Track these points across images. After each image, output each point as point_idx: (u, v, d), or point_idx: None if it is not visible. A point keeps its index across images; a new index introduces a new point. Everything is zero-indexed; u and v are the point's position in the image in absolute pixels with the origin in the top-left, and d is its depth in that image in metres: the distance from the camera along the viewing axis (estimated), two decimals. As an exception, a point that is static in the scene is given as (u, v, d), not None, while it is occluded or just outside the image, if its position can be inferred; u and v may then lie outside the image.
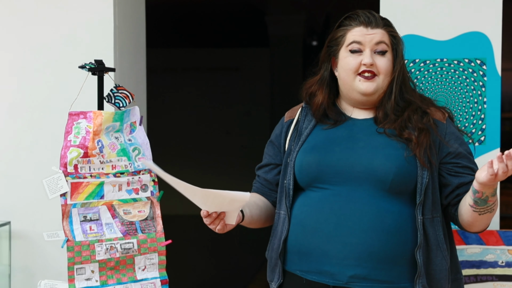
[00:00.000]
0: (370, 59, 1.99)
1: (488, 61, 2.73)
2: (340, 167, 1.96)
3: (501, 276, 2.63)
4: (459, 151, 2.01)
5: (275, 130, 2.19)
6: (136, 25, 3.26)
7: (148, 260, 2.25)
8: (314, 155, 2.01)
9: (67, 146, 2.19)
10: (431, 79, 2.77)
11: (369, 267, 1.91)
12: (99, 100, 2.28)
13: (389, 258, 1.91)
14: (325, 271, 1.94)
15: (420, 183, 1.93)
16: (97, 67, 2.28)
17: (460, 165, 2.00)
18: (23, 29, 3.04)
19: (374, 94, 2.02)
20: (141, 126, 2.32)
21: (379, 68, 2.00)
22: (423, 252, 1.91)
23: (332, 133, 2.04)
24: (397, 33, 2.06)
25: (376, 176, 1.93)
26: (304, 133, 2.07)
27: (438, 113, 2.05)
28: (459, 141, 2.03)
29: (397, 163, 1.93)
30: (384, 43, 2.02)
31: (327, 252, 1.94)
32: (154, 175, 2.31)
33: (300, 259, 1.99)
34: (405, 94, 2.03)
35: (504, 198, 2.84)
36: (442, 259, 1.95)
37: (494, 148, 2.75)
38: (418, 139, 1.94)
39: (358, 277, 1.91)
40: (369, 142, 1.99)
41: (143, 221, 2.27)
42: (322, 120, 2.07)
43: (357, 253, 1.91)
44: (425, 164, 1.93)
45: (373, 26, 2.01)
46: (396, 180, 1.92)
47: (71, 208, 2.19)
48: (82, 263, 2.17)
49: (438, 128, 2.01)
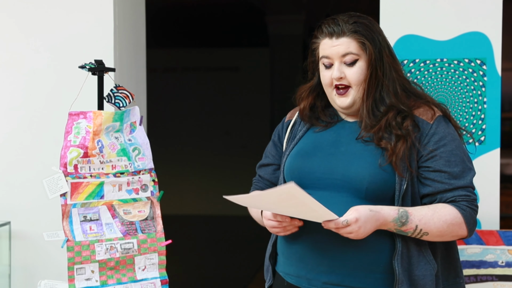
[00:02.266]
0: (337, 73, 1.94)
1: (488, 61, 2.73)
2: (320, 174, 1.94)
3: (501, 276, 2.63)
4: (434, 153, 1.91)
5: (277, 129, 2.19)
6: (136, 25, 3.26)
7: (148, 260, 2.25)
8: (298, 160, 2.01)
9: (67, 146, 2.19)
10: (431, 79, 2.77)
11: (342, 274, 1.90)
12: (99, 100, 2.28)
13: (363, 266, 1.89)
14: (302, 276, 1.96)
15: (398, 191, 1.90)
16: (97, 67, 2.28)
17: (431, 169, 1.91)
18: (23, 29, 3.04)
19: (351, 106, 1.98)
20: (141, 126, 2.32)
21: (349, 79, 1.95)
22: (402, 259, 1.88)
23: (320, 136, 2.04)
24: (368, 37, 1.94)
25: (351, 184, 1.91)
26: (297, 136, 2.08)
27: (428, 113, 1.95)
28: (443, 141, 1.92)
29: (372, 171, 1.89)
30: (352, 54, 1.93)
31: (303, 257, 1.96)
32: (154, 175, 2.31)
33: (284, 262, 2.03)
34: (386, 98, 1.94)
35: (504, 198, 2.84)
36: (426, 264, 1.90)
37: (494, 148, 2.75)
38: (394, 148, 1.89)
39: (332, 283, 1.91)
40: (350, 148, 1.96)
41: (143, 221, 2.27)
42: (315, 123, 2.07)
43: (330, 260, 1.91)
44: (400, 173, 1.88)
45: (337, 36, 1.94)
46: (371, 188, 1.89)
47: (71, 208, 2.19)
48: (82, 263, 2.17)
49: (419, 130, 1.93)
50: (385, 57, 1.96)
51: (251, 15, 8.29)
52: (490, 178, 2.74)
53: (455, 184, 1.90)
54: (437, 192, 1.91)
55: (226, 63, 8.92)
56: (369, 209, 1.84)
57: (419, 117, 1.95)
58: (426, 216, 1.87)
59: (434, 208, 1.89)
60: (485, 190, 2.73)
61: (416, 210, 1.88)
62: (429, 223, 1.87)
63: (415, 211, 1.87)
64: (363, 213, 1.82)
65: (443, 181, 1.90)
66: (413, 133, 1.91)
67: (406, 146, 1.89)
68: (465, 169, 1.92)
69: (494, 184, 2.74)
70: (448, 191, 1.90)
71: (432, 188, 1.91)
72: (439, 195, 1.91)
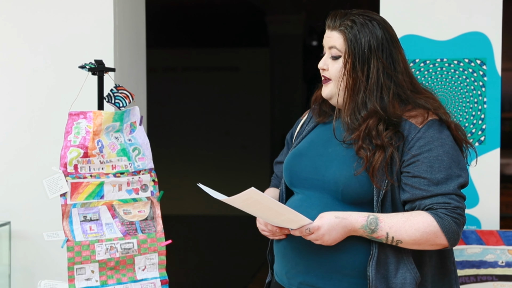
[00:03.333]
0: (321, 64, 1.97)
1: (488, 61, 2.73)
2: (306, 174, 1.96)
3: (501, 276, 2.63)
4: (415, 159, 1.84)
5: (294, 127, 2.21)
6: (136, 25, 3.26)
7: (148, 260, 2.25)
8: (292, 159, 2.04)
9: (67, 146, 2.19)
10: (431, 79, 2.77)
11: (317, 276, 1.90)
12: (99, 100, 2.28)
13: (338, 269, 1.88)
14: (284, 274, 1.99)
15: (377, 196, 1.86)
16: (97, 67, 2.28)
17: (410, 174, 1.84)
18: (23, 29, 3.04)
19: (330, 98, 1.98)
20: (141, 126, 2.32)
21: (330, 73, 1.96)
22: (378, 265, 1.84)
23: (316, 135, 2.05)
24: (357, 37, 1.90)
25: (329, 186, 1.90)
26: (302, 134, 2.10)
27: (420, 117, 1.88)
28: (428, 146, 1.85)
29: (347, 174, 1.87)
30: (335, 48, 1.93)
31: (285, 256, 1.98)
32: (154, 175, 2.31)
33: (276, 261, 2.06)
34: (368, 103, 1.89)
35: (504, 198, 2.84)
36: (406, 272, 1.84)
37: (494, 148, 2.75)
38: (371, 158, 1.84)
39: (307, 283, 1.92)
40: (334, 150, 1.95)
41: (143, 221, 2.27)
42: (322, 120, 2.08)
43: (307, 260, 1.92)
44: (377, 185, 1.84)
45: (331, 29, 1.96)
46: (346, 191, 1.87)
47: (71, 208, 2.19)
48: (82, 263, 2.17)
49: (404, 138, 1.86)
50: (373, 61, 1.89)
51: (251, 15, 8.29)
52: (490, 178, 2.74)
53: (433, 191, 1.82)
54: (416, 199, 1.84)
55: (226, 63, 8.92)
56: (334, 216, 1.83)
57: (409, 121, 1.88)
58: (397, 224, 1.82)
59: (408, 215, 1.83)
60: (485, 190, 2.74)
61: (387, 217, 1.83)
62: (400, 231, 1.82)
63: (386, 218, 1.83)
64: (326, 220, 1.82)
65: (421, 188, 1.83)
66: (395, 142, 1.86)
67: (384, 157, 1.84)
68: (451, 176, 1.83)
69: (494, 184, 2.74)
70: (426, 198, 1.83)
71: (409, 195, 1.85)
72: (418, 201, 1.84)
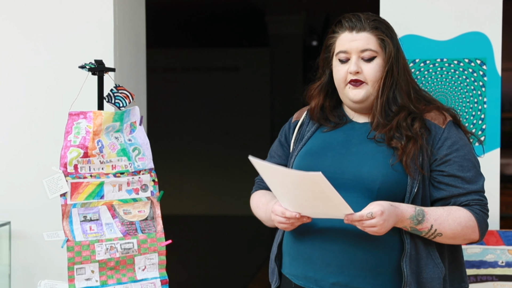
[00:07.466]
0: (355, 67, 1.95)
1: (488, 61, 2.73)
2: (331, 173, 1.91)
3: (501, 276, 2.63)
4: (447, 158, 1.92)
5: (283, 129, 2.18)
6: (136, 25, 3.26)
7: (148, 260, 2.25)
8: (308, 160, 2.00)
9: (67, 146, 2.19)
10: (431, 79, 2.77)
11: (351, 275, 1.89)
12: (99, 100, 2.28)
13: (372, 267, 1.88)
14: (310, 277, 1.95)
15: (409, 193, 1.89)
16: (97, 67, 2.28)
17: (445, 173, 1.92)
18: (23, 29, 3.04)
19: (364, 101, 1.98)
20: (141, 126, 2.32)
21: (366, 75, 1.95)
22: (411, 261, 1.88)
23: (329, 136, 2.03)
24: (387, 35, 1.97)
25: (363, 184, 1.90)
26: (305, 137, 2.07)
27: (440, 118, 1.96)
28: (456, 146, 1.93)
29: (384, 171, 1.89)
30: (370, 50, 1.94)
31: (312, 257, 1.94)
32: (154, 175, 2.31)
33: (290, 263, 2.01)
34: (398, 98, 1.95)
35: (504, 198, 2.84)
36: (434, 267, 1.90)
37: (494, 148, 2.75)
38: (404, 148, 1.89)
39: (340, 284, 1.90)
40: (361, 148, 1.96)
41: (143, 221, 2.27)
42: (323, 123, 2.06)
43: (339, 260, 1.90)
44: (411, 174, 1.88)
45: (358, 30, 1.95)
46: (383, 188, 1.88)
47: (71, 208, 2.19)
48: (82, 263, 2.17)
49: (431, 134, 1.94)
50: (401, 57, 1.98)
51: (251, 15, 8.29)
52: (490, 178, 2.74)
53: (469, 188, 1.92)
54: (451, 196, 1.92)
55: (226, 63, 8.91)
56: (390, 204, 1.84)
57: (431, 121, 1.95)
58: (441, 217, 1.88)
59: (449, 209, 1.90)
60: (485, 190, 2.73)
61: (431, 209, 1.89)
62: (444, 224, 1.88)
63: (431, 211, 1.88)
64: (386, 207, 1.82)
65: (458, 186, 1.91)
66: (424, 135, 1.92)
67: (417, 147, 1.90)
68: (477, 174, 1.95)
69: (494, 184, 2.74)
70: (462, 195, 1.92)
71: (446, 192, 1.92)
72: (453, 199, 1.92)
